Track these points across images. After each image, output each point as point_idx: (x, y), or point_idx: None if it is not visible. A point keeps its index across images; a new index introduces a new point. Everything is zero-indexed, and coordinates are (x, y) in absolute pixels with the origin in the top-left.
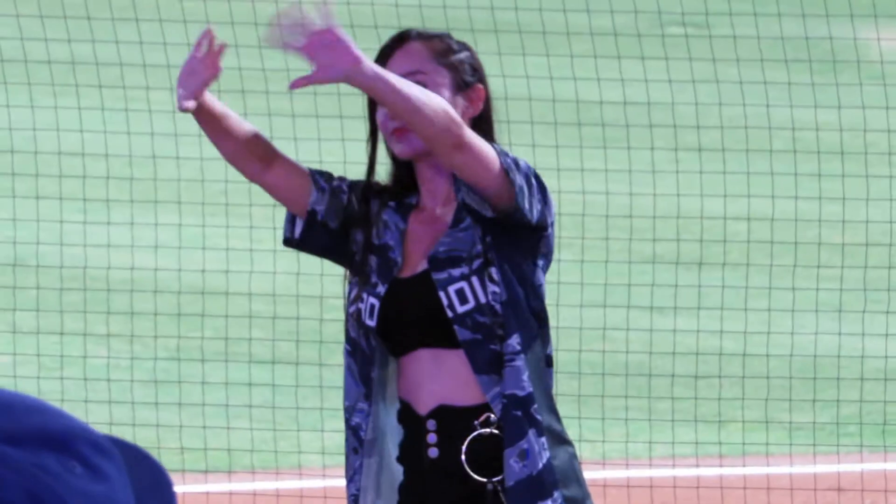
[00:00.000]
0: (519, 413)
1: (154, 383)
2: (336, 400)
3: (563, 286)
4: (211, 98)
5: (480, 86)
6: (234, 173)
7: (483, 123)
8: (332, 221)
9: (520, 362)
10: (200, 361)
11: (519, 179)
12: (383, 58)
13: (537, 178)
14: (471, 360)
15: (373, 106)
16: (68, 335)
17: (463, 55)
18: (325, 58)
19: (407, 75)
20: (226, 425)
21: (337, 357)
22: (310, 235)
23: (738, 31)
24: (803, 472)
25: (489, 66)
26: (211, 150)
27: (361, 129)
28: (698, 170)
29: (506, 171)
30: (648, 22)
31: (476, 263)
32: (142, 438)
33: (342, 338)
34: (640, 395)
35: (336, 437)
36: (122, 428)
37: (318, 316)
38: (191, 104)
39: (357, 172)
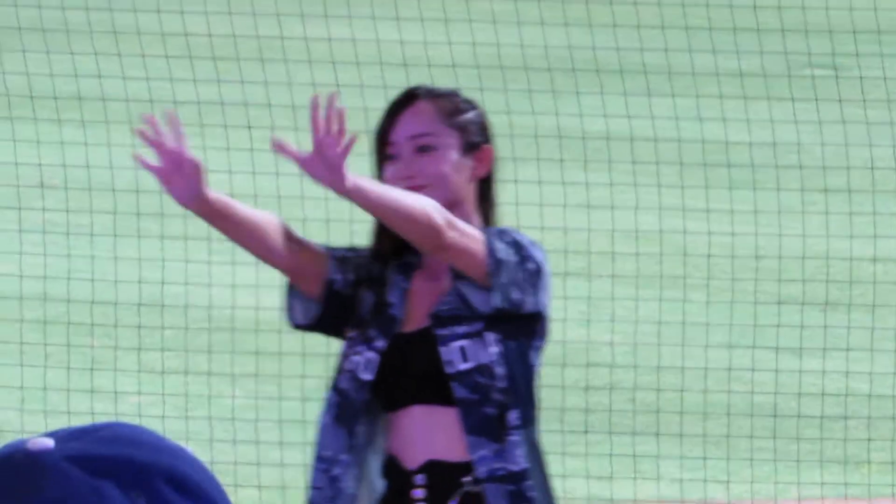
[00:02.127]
0: (511, 487)
1: (279, 423)
2: None
3: (688, 326)
4: (216, 194)
5: (488, 146)
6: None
7: (488, 184)
8: (346, 289)
9: (517, 437)
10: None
11: (502, 279)
12: (391, 116)
13: (535, 270)
14: (464, 419)
15: (380, 165)
16: (193, 374)
17: (471, 115)
18: (321, 163)
19: (415, 137)
20: None
21: None
22: (328, 308)
23: (865, 72)
24: None
25: (615, 106)
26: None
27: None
28: (824, 211)
29: (488, 274)
30: (781, 63)
31: (479, 325)
32: (266, 476)
33: None
34: (765, 435)
35: None
36: (248, 468)
37: None
38: (197, 203)
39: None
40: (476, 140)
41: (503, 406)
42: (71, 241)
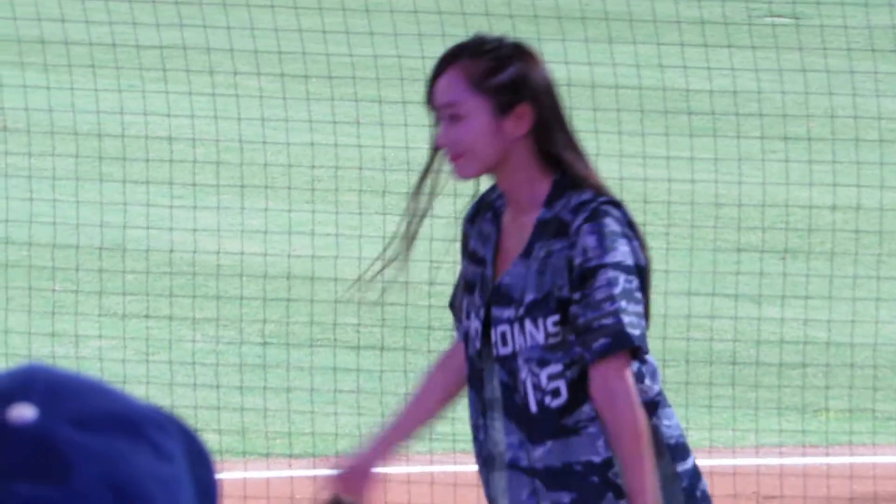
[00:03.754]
0: (595, 479)
1: (239, 367)
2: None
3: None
4: (387, 440)
5: (523, 105)
6: (322, 160)
7: (540, 135)
8: None
9: (594, 429)
10: (286, 346)
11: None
12: (431, 83)
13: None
14: (503, 402)
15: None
16: (154, 318)
17: (505, 76)
18: None
19: (446, 106)
20: (311, 410)
21: (421, 342)
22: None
23: (826, 21)
24: (887, 462)
25: (576, 53)
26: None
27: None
28: (784, 159)
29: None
30: (738, 11)
31: (521, 310)
32: (225, 420)
33: (428, 323)
34: (724, 382)
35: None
36: (208, 412)
37: (403, 301)
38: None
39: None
40: (509, 101)
41: (568, 407)
42: (33, 184)
